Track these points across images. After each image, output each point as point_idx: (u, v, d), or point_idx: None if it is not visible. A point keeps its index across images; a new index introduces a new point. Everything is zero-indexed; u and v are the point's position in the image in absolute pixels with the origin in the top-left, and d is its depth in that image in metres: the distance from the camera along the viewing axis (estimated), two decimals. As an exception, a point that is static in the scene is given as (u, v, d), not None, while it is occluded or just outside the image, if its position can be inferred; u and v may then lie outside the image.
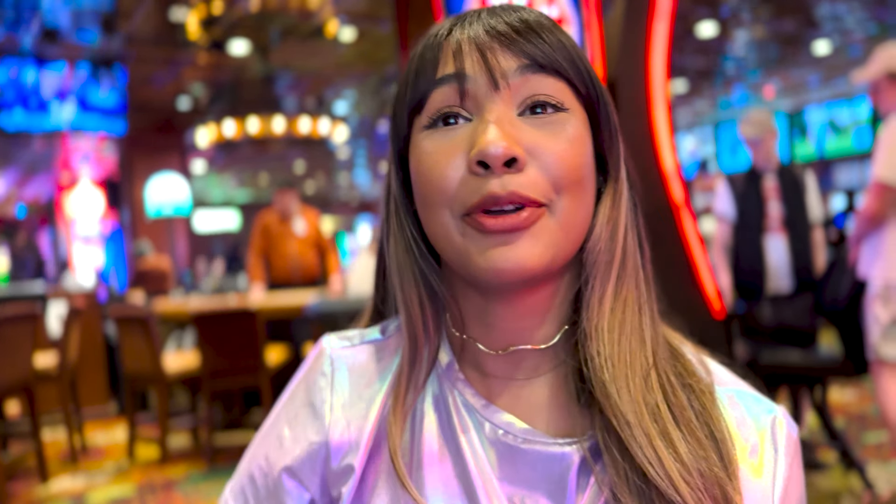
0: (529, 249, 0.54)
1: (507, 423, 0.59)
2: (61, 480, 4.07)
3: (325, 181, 21.09)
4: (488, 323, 0.61)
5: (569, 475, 0.57)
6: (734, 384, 0.63)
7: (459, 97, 0.57)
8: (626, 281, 0.60)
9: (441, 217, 0.57)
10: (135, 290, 7.18)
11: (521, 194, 0.53)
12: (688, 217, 2.85)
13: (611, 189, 0.62)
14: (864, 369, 3.01)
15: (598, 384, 0.56)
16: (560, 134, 0.56)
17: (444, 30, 0.60)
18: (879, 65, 2.85)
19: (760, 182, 3.58)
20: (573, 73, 0.58)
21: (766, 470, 0.57)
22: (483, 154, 0.53)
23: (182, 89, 10.00)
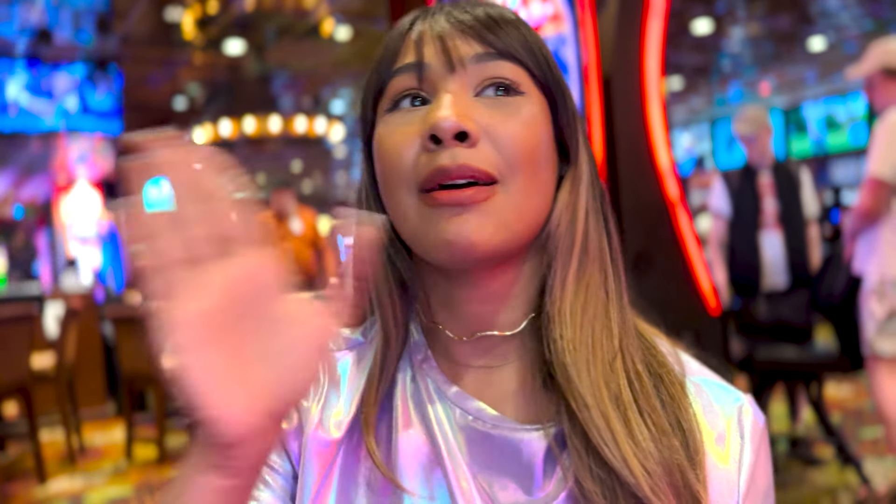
0: (479, 227, 0.54)
1: (477, 409, 0.60)
2: (59, 481, 4.07)
3: (322, 180, 21.09)
4: (453, 308, 0.61)
5: (535, 461, 0.57)
6: (701, 373, 0.63)
7: (418, 81, 0.58)
8: (588, 265, 0.60)
9: (399, 196, 0.57)
10: (132, 291, 7.17)
11: (472, 166, 0.54)
12: (683, 214, 2.86)
13: (570, 174, 0.62)
14: (860, 365, 3.02)
15: (560, 367, 0.56)
16: (514, 114, 0.57)
17: (407, 22, 0.62)
18: (874, 61, 2.85)
19: (756, 178, 3.58)
20: (530, 60, 0.59)
21: (731, 457, 0.57)
22: (434, 127, 0.54)
23: (178, 89, 10.00)
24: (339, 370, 0.66)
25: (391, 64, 0.60)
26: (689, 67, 10.96)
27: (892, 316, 2.77)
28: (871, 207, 2.79)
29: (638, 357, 0.59)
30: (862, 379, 4.59)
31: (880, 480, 3.09)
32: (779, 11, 8.44)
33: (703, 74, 11.63)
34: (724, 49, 10.08)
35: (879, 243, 2.81)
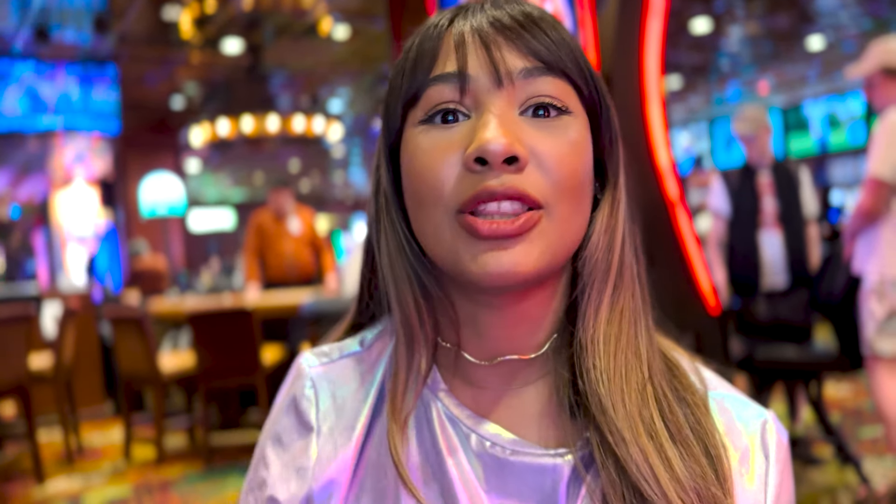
0: (524, 256, 0.52)
1: (494, 434, 0.58)
2: (57, 482, 4.06)
3: (320, 180, 21.07)
4: (478, 331, 0.59)
5: (559, 487, 0.55)
6: (724, 389, 0.62)
7: (459, 93, 0.54)
8: (622, 292, 0.58)
9: (433, 216, 0.54)
10: (130, 291, 7.16)
11: (520, 189, 0.51)
12: (683, 213, 2.86)
13: (609, 196, 0.60)
14: (860, 364, 3.01)
15: (594, 398, 0.54)
16: (562, 137, 0.54)
17: (445, 20, 0.57)
18: (874, 60, 2.85)
19: (755, 178, 3.58)
20: (577, 75, 0.56)
21: (757, 477, 0.56)
22: (482, 150, 0.50)
23: (176, 88, 9.98)
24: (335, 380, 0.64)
25: (429, 69, 0.56)
26: (688, 67, 10.96)
27: (892, 316, 2.76)
28: (871, 207, 2.79)
29: (665, 382, 0.58)
30: (861, 378, 4.59)
31: (879, 480, 3.09)
32: (777, 10, 8.44)
33: (701, 74, 11.63)
34: (723, 48, 10.08)
35: (879, 243, 2.81)
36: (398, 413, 0.58)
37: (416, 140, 0.56)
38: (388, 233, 0.61)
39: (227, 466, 4.11)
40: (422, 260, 0.60)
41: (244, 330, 4.04)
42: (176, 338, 5.71)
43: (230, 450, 4.44)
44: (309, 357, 0.66)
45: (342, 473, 0.59)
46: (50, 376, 4.31)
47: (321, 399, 0.63)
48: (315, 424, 0.62)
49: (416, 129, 0.56)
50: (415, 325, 0.60)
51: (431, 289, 0.60)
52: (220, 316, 4.09)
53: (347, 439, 0.60)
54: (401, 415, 0.58)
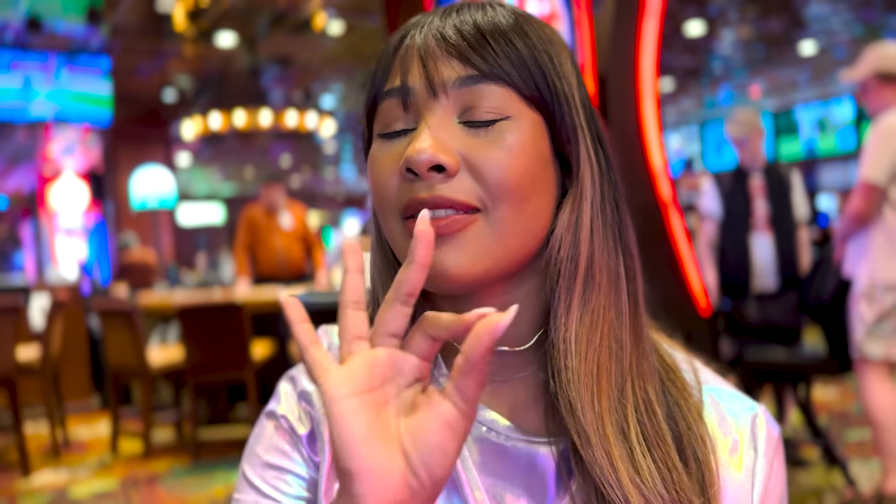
0: (454, 258, 0.53)
1: (491, 420, 0.59)
2: (43, 474, 4.04)
3: (311, 175, 21.02)
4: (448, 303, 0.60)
5: (548, 474, 0.57)
6: (715, 383, 0.63)
7: (403, 107, 0.57)
8: (593, 289, 0.57)
9: (388, 224, 0.58)
10: (119, 284, 7.13)
11: (448, 197, 0.53)
12: (675, 214, 2.87)
13: (572, 193, 0.59)
14: (848, 367, 3.03)
15: (564, 399, 0.55)
16: (498, 142, 0.54)
17: (398, 36, 0.60)
18: (869, 65, 2.87)
19: (747, 181, 3.60)
20: (520, 78, 0.56)
21: (745, 467, 0.57)
22: (408, 160, 0.53)
23: (168, 81, 9.93)
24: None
25: (383, 82, 0.59)
26: (680, 69, 11.00)
27: (882, 319, 2.78)
28: (863, 211, 2.80)
29: (651, 383, 0.58)
30: (848, 381, 4.63)
31: (865, 482, 3.11)
32: (770, 15, 8.48)
33: (693, 76, 11.67)
34: (716, 51, 10.12)
35: (870, 247, 2.82)
36: None
37: (373, 152, 0.59)
38: (374, 238, 0.64)
39: (215, 461, 4.09)
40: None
41: (234, 324, 4.03)
42: (164, 332, 5.69)
43: (218, 445, 4.43)
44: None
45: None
46: (37, 368, 4.28)
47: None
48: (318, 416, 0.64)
49: (375, 143, 0.60)
50: None
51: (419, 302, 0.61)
52: (209, 310, 4.07)
53: None
54: None
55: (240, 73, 8.97)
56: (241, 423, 4.80)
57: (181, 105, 10.71)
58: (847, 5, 8.31)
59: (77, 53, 8.06)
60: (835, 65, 11.00)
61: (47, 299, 5.25)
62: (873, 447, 3.40)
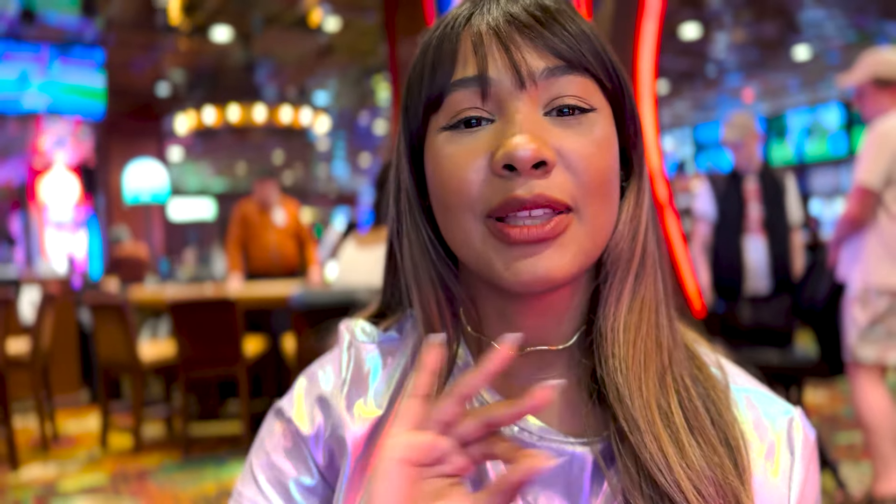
0: (558, 260, 0.52)
1: (523, 420, 0.58)
2: (32, 468, 4.01)
3: (304, 172, 20.97)
4: (507, 322, 0.59)
5: (583, 476, 0.56)
6: (750, 385, 0.62)
7: (481, 98, 0.54)
8: (644, 280, 0.58)
9: (461, 221, 0.54)
10: (110, 278, 7.09)
11: (548, 196, 0.51)
12: (671, 216, 2.88)
13: (634, 186, 0.60)
14: (839, 371, 3.05)
15: (611, 387, 0.55)
16: (588, 135, 0.54)
17: (462, 17, 0.56)
18: (865, 70, 2.88)
19: (741, 184, 3.61)
20: (600, 70, 0.55)
21: (781, 472, 0.57)
22: (510, 157, 0.50)
23: (162, 75, 9.88)
24: (369, 364, 0.65)
25: (449, 72, 0.55)
26: (674, 72, 11.03)
27: (875, 323, 2.80)
28: (857, 215, 2.82)
29: (685, 371, 0.58)
30: (838, 385, 4.65)
31: (855, 485, 3.12)
32: (765, 19, 8.52)
33: (687, 79, 11.70)
34: (710, 54, 10.15)
35: (864, 251, 2.84)
36: None
37: (440, 146, 0.56)
38: (410, 235, 0.61)
39: (205, 457, 4.08)
40: (446, 262, 0.60)
41: (226, 320, 4.01)
42: (155, 326, 5.66)
43: (208, 440, 4.41)
44: (352, 327, 0.68)
45: (355, 446, 0.60)
46: (27, 362, 4.25)
47: (351, 363, 0.64)
48: (344, 375, 0.64)
49: (440, 135, 0.56)
50: (437, 327, 0.60)
51: (455, 290, 0.61)
52: (201, 305, 4.05)
53: (364, 418, 0.61)
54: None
55: (234, 68, 8.94)
56: (232, 419, 4.78)
57: (175, 99, 10.67)
58: (841, 11, 8.36)
59: (71, 45, 8.01)
60: (828, 70, 11.06)
61: (37, 292, 5.22)
62: (864, 450, 3.42)
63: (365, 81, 10.51)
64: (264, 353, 4.47)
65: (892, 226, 2.78)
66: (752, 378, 0.64)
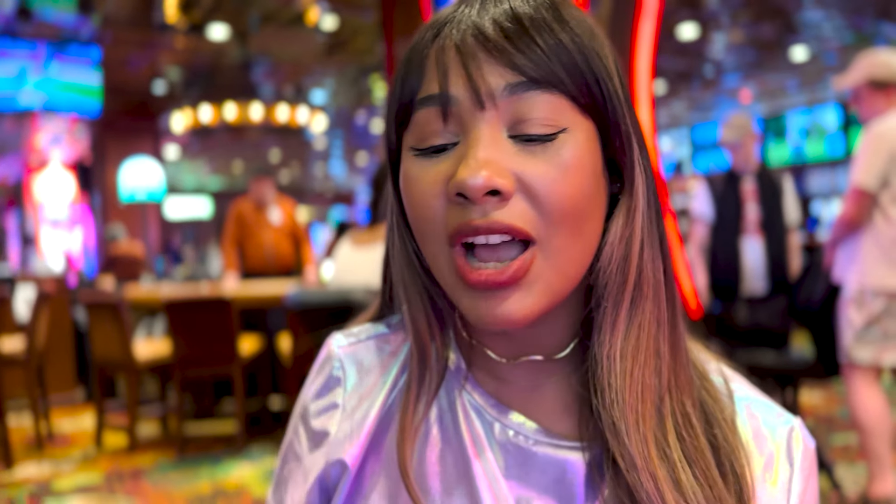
0: (519, 302, 0.50)
1: (518, 423, 0.58)
2: (26, 467, 4.00)
3: (300, 171, 20.94)
4: (499, 334, 0.58)
5: (577, 481, 0.56)
6: (751, 393, 0.61)
7: (443, 119, 0.52)
8: (641, 304, 0.54)
9: (430, 246, 0.54)
10: (105, 276, 7.07)
11: (505, 224, 0.49)
12: (668, 217, 2.87)
13: (624, 202, 0.55)
14: (835, 372, 3.05)
15: (607, 420, 0.53)
16: (553, 160, 0.50)
17: (433, 30, 0.54)
18: (861, 72, 2.88)
19: (739, 184, 3.61)
20: (572, 83, 0.51)
21: (780, 483, 0.56)
22: (460, 186, 0.48)
23: (158, 73, 9.86)
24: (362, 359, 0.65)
25: (416, 87, 0.53)
26: (672, 72, 11.03)
27: (870, 324, 2.80)
28: (853, 216, 2.82)
29: (688, 395, 0.56)
30: (833, 386, 4.65)
31: (850, 486, 3.13)
32: (763, 19, 8.52)
33: (684, 80, 11.71)
34: (707, 55, 10.16)
35: (860, 252, 2.84)
36: (409, 425, 0.58)
37: (408, 168, 0.54)
38: (398, 250, 0.61)
39: (200, 456, 4.07)
40: (432, 276, 0.59)
41: (222, 319, 4.00)
42: (150, 325, 5.64)
43: (203, 439, 4.40)
44: (339, 337, 0.68)
45: (352, 458, 0.60)
46: (21, 360, 4.24)
47: (348, 378, 0.64)
48: (341, 403, 0.63)
49: (409, 157, 0.54)
50: (426, 342, 0.60)
51: (441, 304, 0.60)
52: (197, 304, 4.04)
53: (360, 426, 0.61)
54: (412, 426, 0.58)
55: (231, 67, 8.92)
56: (227, 418, 4.77)
57: (171, 97, 10.64)
58: (839, 12, 8.36)
59: (67, 43, 7.98)
60: (825, 71, 11.07)
61: (32, 290, 5.20)
62: (859, 451, 3.42)
63: (362, 80, 10.49)
64: (259, 352, 4.46)
65: (888, 227, 2.78)
66: (751, 386, 0.63)
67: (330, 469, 0.61)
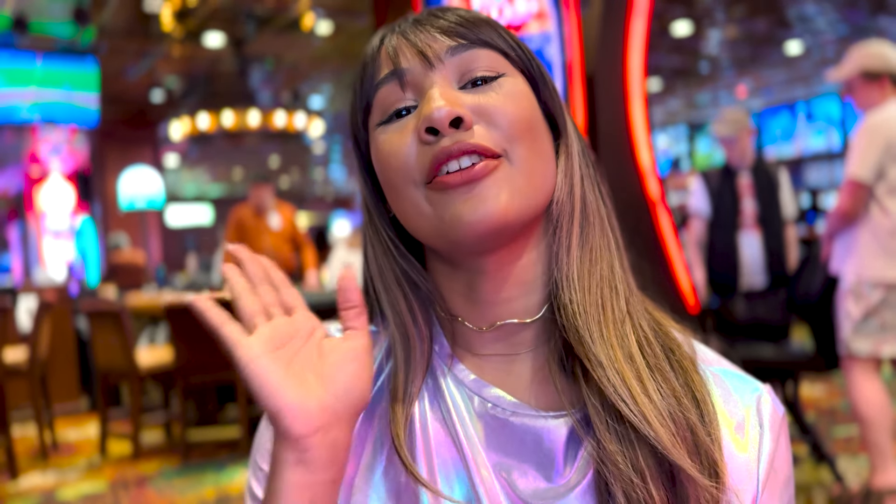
0: (495, 198, 0.55)
1: (496, 396, 0.60)
2: (31, 477, 4.01)
3: (300, 176, 20.96)
4: (472, 299, 0.62)
5: (557, 448, 0.57)
6: (719, 363, 0.64)
7: (401, 88, 0.60)
8: (589, 229, 0.62)
9: (408, 194, 0.59)
10: (107, 285, 7.08)
11: (472, 142, 0.56)
12: (663, 213, 2.88)
13: (563, 145, 0.64)
14: (835, 364, 3.05)
15: (572, 331, 0.57)
16: (500, 91, 0.59)
17: (378, 39, 0.64)
18: (853, 64, 2.89)
19: (735, 179, 3.62)
20: (502, 43, 0.61)
21: (751, 445, 0.57)
22: (429, 119, 0.55)
23: (155, 81, 9.88)
24: None
25: (373, 77, 0.62)
26: (668, 69, 11.04)
27: (868, 316, 2.80)
28: (849, 208, 2.82)
29: (646, 321, 0.61)
30: (835, 378, 4.66)
31: (853, 478, 3.13)
32: (756, 15, 8.53)
33: (680, 76, 11.71)
34: (703, 51, 10.16)
35: (857, 244, 2.84)
36: (401, 409, 0.61)
37: (379, 138, 0.61)
38: (373, 241, 0.66)
39: (204, 462, 4.08)
40: (408, 257, 0.64)
41: (223, 325, 4.00)
42: (153, 333, 5.66)
43: (207, 446, 4.41)
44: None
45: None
46: (24, 370, 4.25)
47: None
48: None
49: (378, 131, 0.61)
50: (408, 323, 0.63)
51: (420, 282, 0.64)
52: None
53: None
54: (403, 410, 0.61)
55: (228, 74, 8.94)
56: (231, 424, 4.78)
57: (169, 105, 10.66)
58: (833, 6, 8.37)
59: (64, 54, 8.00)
60: (821, 65, 11.07)
61: (35, 300, 5.21)
62: (860, 443, 3.43)
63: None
64: (262, 357, 4.47)
65: (885, 219, 2.78)
66: (723, 359, 0.65)
67: None
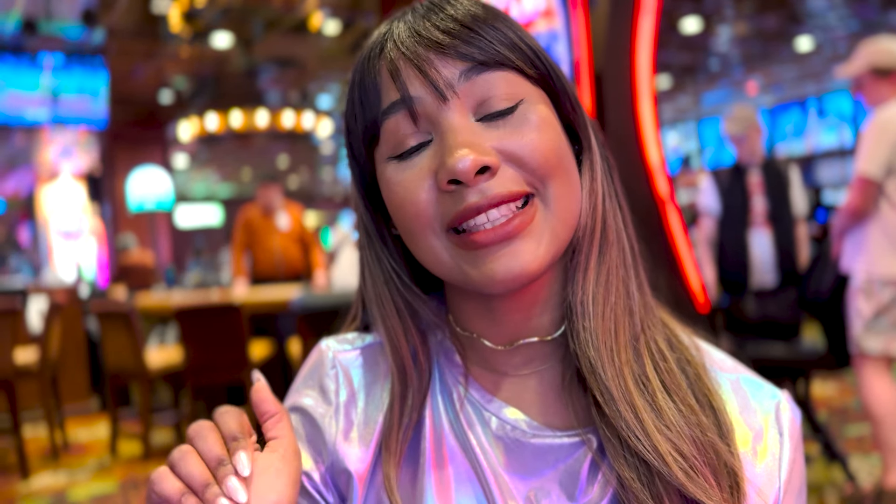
0: (532, 252, 0.53)
1: (514, 419, 0.59)
2: (42, 477, 4.03)
3: (309, 176, 21.00)
4: (490, 318, 0.60)
5: (579, 466, 0.56)
6: (736, 370, 0.62)
7: (412, 120, 0.55)
8: (608, 250, 0.59)
9: (426, 241, 0.55)
10: (117, 286, 7.11)
11: (502, 194, 0.52)
12: (673, 211, 2.86)
13: (587, 160, 0.60)
14: (847, 362, 3.03)
15: (584, 360, 0.56)
16: (524, 125, 0.54)
17: (376, 49, 0.58)
18: (863, 60, 2.86)
19: (745, 177, 3.60)
20: (518, 58, 0.56)
21: (770, 453, 0.57)
22: (452, 172, 0.51)
23: (164, 82, 9.91)
24: (357, 365, 0.65)
25: (376, 102, 0.57)
26: (677, 66, 10.99)
27: (880, 314, 2.78)
28: (859, 205, 2.80)
29: (659, 333, 0.59)
30: (847, 377, 4.62)
31: (865, 477, 3.11)
32: (767, 11, 8.48)
33: (690, 74, 11.66)
34: (712, 48, 10.12)
35: (867, 241, 2.82)
36: (393, 446, 0.59)
37: (389, 176, 0.56)
38: (372, 268, 0.63)
39: (215, 462, 4.08)
40: (411, 288, 0.62)
41: (232, 325, 4.02)
42: (163, 333, 5.68)
43: (217, 446, 4.41)
44: (331, 342, 0.68)
45: (359, 469, 0.60)
46: (35, 371, 4.27)
47: (341, 384, 0.64)
48: (334, 402, 0.63)
49: (388, 166, 0.57)
50: (406, 357, 0.61)
51: (424, 314, 0.62)
52: (207, 311, 4.06)
53: (367, 439, 0.61)
54: (396, 447, 0.59)
55: (236, 74, 8.96)
56: (241, 423, 4.78)
57: (178, 106, 10.70)
58: (843, 1, 8.31)
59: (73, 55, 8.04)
60: (832, 60, 11.01)
61: (45, 301, 5.24)
62: (873, 442, 3.40)
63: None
64: (270, 357, 4.48)
65: (895, 216, 2.76)
66: (738, 363, 0.64)
67: (327, 474, 0.61)
